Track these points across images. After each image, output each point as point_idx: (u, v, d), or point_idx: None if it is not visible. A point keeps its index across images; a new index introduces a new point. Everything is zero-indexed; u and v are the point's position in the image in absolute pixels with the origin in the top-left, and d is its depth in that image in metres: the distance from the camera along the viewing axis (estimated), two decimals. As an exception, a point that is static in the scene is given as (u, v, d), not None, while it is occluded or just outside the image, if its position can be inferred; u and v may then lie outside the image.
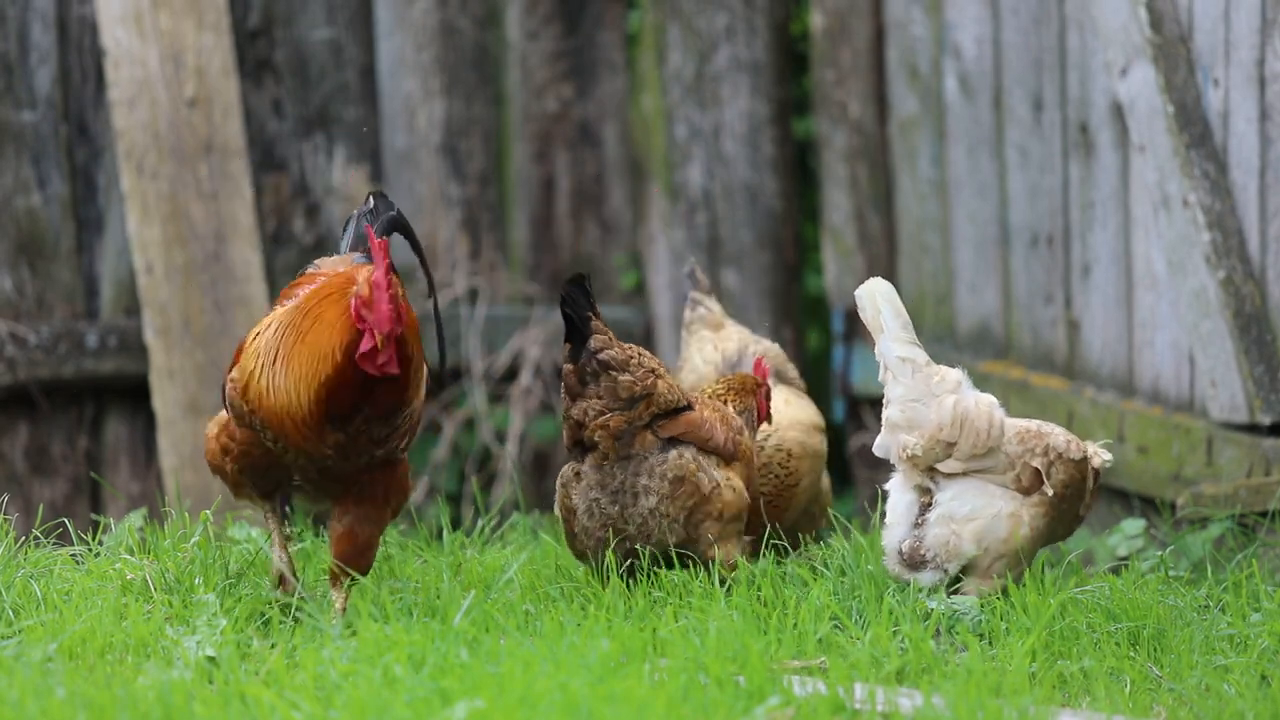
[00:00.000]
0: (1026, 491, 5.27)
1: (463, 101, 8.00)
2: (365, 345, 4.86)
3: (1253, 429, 6.32)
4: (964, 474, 5.28)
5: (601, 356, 5.24)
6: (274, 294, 7.16)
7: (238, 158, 7.54)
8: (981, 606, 5.09)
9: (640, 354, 5.30)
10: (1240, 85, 6.28)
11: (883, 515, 5.36)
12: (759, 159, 8.13)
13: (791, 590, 5.14)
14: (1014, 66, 7.26)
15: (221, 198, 7.54)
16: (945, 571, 5.25)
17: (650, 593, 5.16)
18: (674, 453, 5.26)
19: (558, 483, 5.34)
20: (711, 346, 6.01)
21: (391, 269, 4.86)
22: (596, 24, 8.15)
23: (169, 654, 4.72)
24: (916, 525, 5.30)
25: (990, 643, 4.95)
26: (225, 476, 5.09)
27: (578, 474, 5.28)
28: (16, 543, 5.44)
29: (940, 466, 5.27)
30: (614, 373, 5.24)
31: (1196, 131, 6.41)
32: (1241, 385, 6.29)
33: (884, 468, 5.43)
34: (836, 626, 4.92)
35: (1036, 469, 5.26)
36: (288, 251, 7.79)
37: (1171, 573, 5.77)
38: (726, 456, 5.33)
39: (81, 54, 7.47)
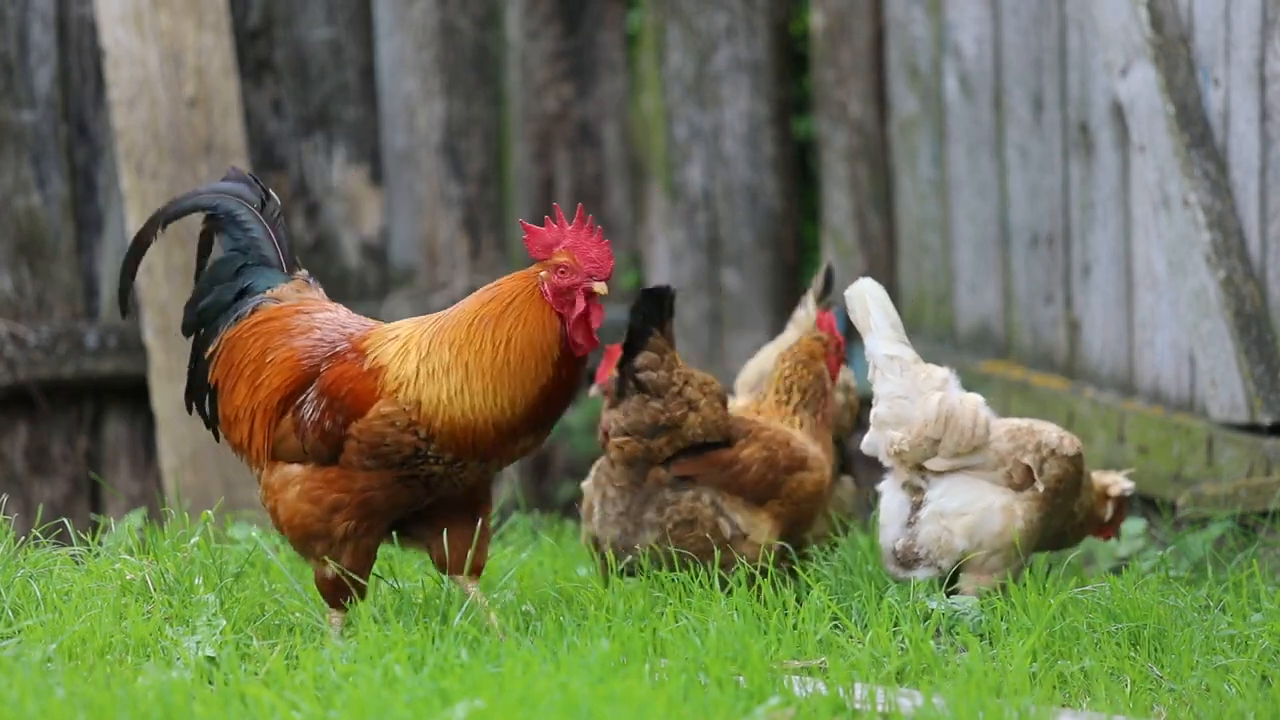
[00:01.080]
0: (1018, 488, 5.27)
1: (463, 101, 8.00)
2: (579, 308, 4.74)
3: (1253, 429, 6.32)
4: (953, 471, 5.29)
5: (640, 376, 5.14)
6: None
7: (238, 158, 7.53)
8: (982, 606, 5.08)
9: (687, 383, 5.16)
10: (1240, 85, 6.28)
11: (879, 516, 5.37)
12: (759, 159, 8.13)
13: (791, 590, 5.14)
14: (1014, 66, 7.26)
15: (221, 198, 7.53)
16: (940, 568, 5.25)
17: (651, 592, 5.15)
18: (689, 494, 5.16)
19: (593, 470, 5.28)
20: (773, 347, 6.01)
21: (591, 228, 4.77)
22: (596, 24, 8.14)
23: (169, 654, 4.72)
24: (909, 524, 5.31)
25: (990, 643, 4.95)
26: (330, 541, 4.82)
27: (607, 477, 5.23)
28: (16, 543, 5.43)
29: (928, 464, 5.28)
30: (646, 396, 5.15)
31: (1197, 131, 6.40)
32: (1242, 385, 6.29)
33: (884, 469, 5.44)
34: (836, 626, 4.92)
35: (1027, 466, 5.27)
36: (287, 251, 7.77)
37: (1172, 573, 5.77)
38: (755, 500, 5.25)
39: (81, 54, 7.47)
